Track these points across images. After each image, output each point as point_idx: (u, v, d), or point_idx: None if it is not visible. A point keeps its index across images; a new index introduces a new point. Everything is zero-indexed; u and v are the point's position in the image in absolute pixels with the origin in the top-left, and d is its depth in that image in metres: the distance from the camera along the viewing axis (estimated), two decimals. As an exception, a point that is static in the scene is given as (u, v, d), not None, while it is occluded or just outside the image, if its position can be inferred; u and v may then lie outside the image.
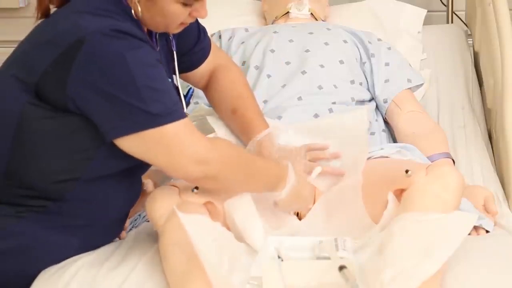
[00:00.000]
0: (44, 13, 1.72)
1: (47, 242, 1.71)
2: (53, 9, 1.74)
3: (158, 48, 1.82)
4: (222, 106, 2.01)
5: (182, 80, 1.93)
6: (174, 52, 1.88)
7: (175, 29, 1.77)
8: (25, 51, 1.69)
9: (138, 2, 1.68)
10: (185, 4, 1.69)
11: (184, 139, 1.63)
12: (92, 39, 1.58)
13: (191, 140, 1.64)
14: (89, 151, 1.67)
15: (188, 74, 1.99)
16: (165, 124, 1.61)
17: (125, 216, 1.86)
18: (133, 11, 1.70)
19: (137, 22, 1.70)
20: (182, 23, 1.75)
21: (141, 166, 1.74)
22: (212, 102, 2.03)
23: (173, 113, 1.62)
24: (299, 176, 1.82)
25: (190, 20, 1.76)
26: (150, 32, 1.80)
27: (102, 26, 1.59)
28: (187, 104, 1.93)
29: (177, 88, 1.87)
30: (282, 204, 1.81)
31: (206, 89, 2.03)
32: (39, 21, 1.73)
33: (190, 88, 1.94)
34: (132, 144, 1.63)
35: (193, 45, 1.95)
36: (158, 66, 1.65)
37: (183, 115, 1.65)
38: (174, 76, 1.89)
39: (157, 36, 1.83)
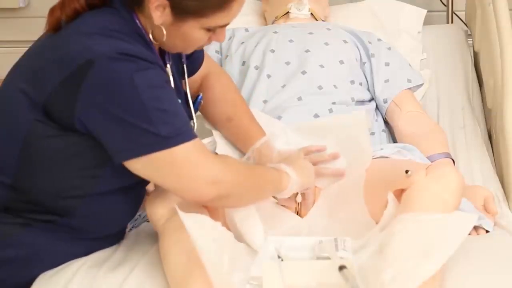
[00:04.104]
0: (55, 26, 1.67)
1: (54, 252, 1.72)
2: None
3: (171, 62, 1.80)
4: (216, 114, 2.01)
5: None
6: (184, 66, 1.88)
7: (191, 51, 1.78)
8: (34, 66, 1.66)
9: (162, 25, 1.66)
10: (208, 30, 1.68)
11: (195, 160, 1.60)
12: (101, 62, 1.56)
13: (203, 161, 1.61)
14: (95, 169, 1.67)
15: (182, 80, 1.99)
16: (174, 146, 1.58)
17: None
18: (150, 35, 1.68)
19: (148, 43, 1.68)
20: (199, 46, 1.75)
21: (145, 180, 1.73)
22: (203, 109, 2.02)
23: (183, 134, 1.60)
24: (291, 163, 1.81)
25: (208, 43, 1.75)
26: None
27: (111, 49, 1.57)
28: (196, 110, 1.91)
29: (186, 95, 1.86)
30: (300, 188, 1.81)
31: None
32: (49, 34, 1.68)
33: (199, 95, 1.93)
34: (141, 166, 1.61)
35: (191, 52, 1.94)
36: (167, 87, 1.64)
37: (192, 136, 1.62)
38: (184, 83, 1.88)
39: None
